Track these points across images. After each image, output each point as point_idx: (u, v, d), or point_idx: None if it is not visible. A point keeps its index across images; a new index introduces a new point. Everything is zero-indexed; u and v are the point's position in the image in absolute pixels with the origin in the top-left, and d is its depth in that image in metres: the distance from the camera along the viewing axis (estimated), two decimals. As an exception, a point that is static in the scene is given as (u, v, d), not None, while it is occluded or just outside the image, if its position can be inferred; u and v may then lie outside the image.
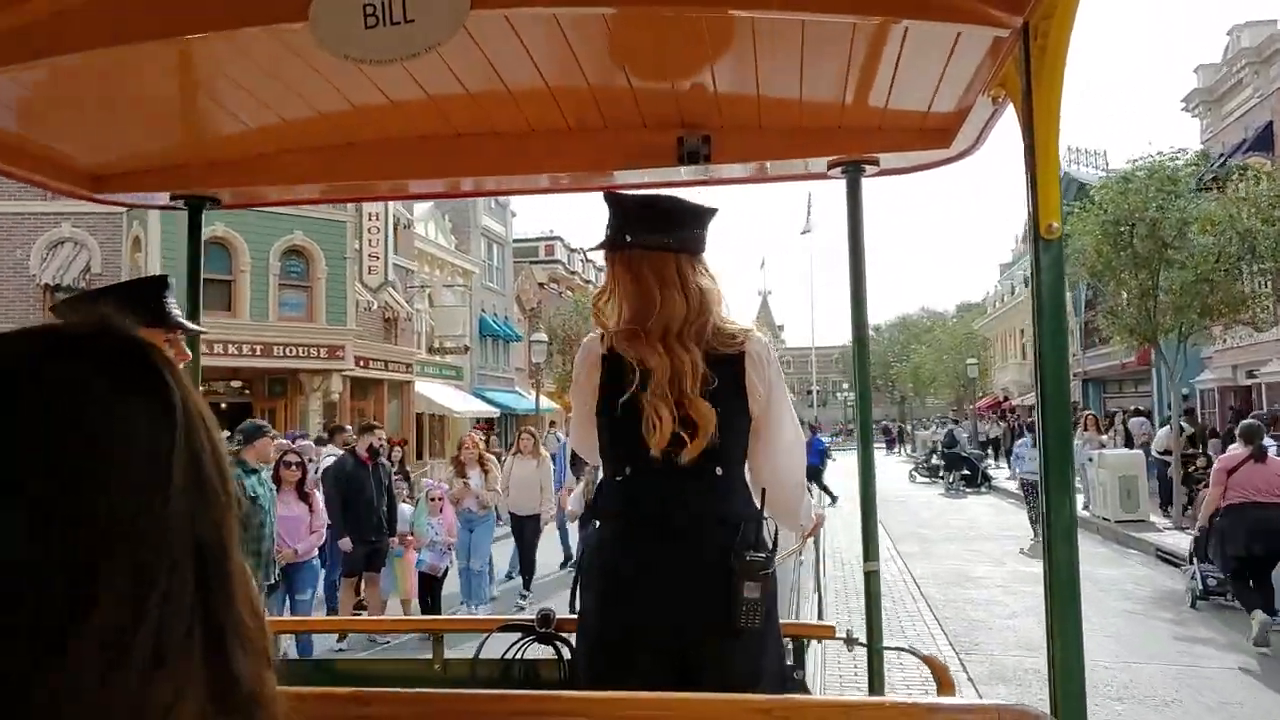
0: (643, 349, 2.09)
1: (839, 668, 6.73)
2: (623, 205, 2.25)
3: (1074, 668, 1.48)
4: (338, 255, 22.29)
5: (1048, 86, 1.50)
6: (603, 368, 2.17)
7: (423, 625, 2.66)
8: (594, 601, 2.14)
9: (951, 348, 48.51)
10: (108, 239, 20.33)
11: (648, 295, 2.14)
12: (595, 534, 2.22)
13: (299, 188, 2.84)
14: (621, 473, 2.13)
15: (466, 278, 33.06)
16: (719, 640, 2.02)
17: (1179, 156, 16.65)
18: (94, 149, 2.48)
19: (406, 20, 1.57)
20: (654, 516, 2.08)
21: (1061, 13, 1.45)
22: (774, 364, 2.19)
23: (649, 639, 2.04)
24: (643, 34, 1.96)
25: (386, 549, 8.97)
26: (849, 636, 2.56)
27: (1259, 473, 8.40)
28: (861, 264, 2.61)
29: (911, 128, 2.41)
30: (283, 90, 2.13)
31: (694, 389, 2.05)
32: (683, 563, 2.03)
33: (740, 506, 2.13)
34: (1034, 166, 1.52)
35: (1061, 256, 1.53)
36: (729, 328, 2.16)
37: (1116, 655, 7.70)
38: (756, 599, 2.01)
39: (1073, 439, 1.69)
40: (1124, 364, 30.30)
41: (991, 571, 12.10)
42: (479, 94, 2.22)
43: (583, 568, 2.23)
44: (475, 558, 9.72)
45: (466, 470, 9.90)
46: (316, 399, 21.70)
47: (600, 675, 2.06)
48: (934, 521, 18.68)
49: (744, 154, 2.49)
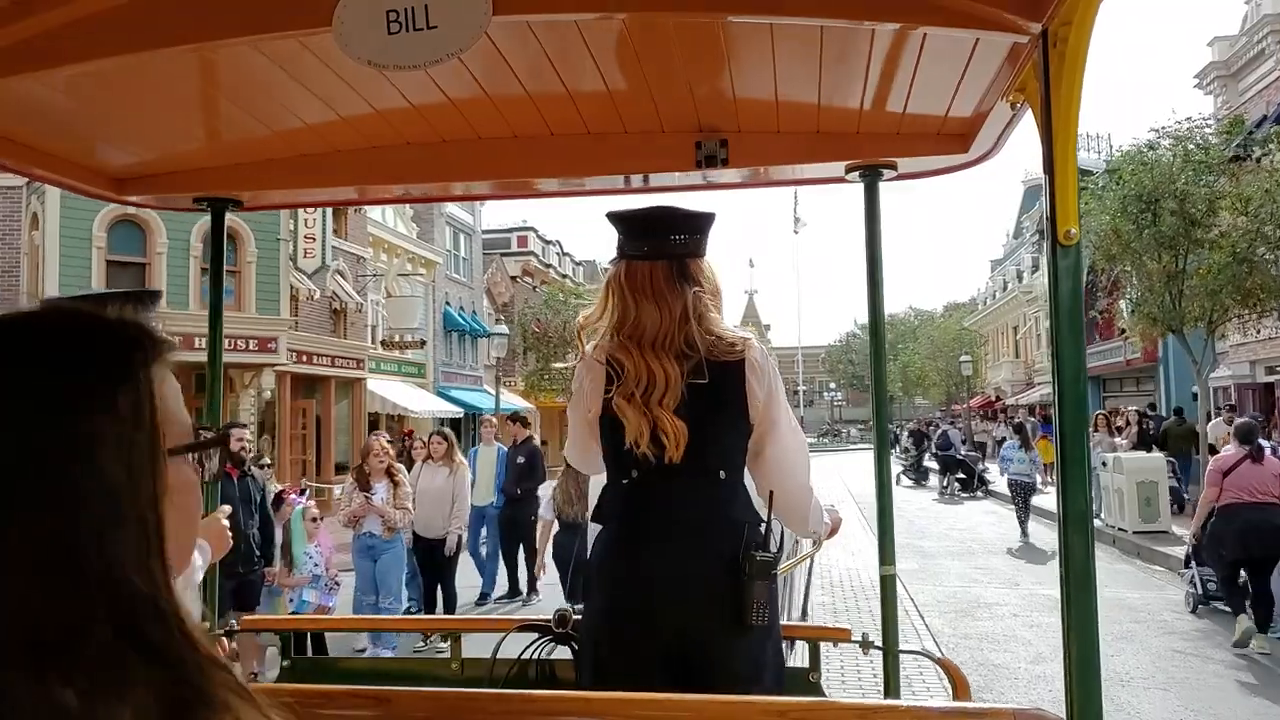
0: (621, 354, 2.17)
1: (856, 672, 6.73)
2: (615, 221, 2.31)
3: (1090, 670, 1.49)
4: (270, 238, 19.73)
5: (1066, 93, 1.50)
6: (602, 375, 2.21)
7: (440, 625, 2.69)
8: (602, 603, 2.18)
9: (944, 345, 47.26)
10: (5, 216, 18.66)
11: (624, 305, 2.22)
12: (601, 537, 2.25)
13: (320, 190, 2.88)
14: (627, 476, 2.17)
15: (429, 268, 30.46)
16: (727, 639, 2.06)
17: (1208, 125, 14.90)
18: (119, 152, 2.52)
19: (429, 26, 1.59)
20: (660, 519, 2.12)
21: (1080, 19, 1.45)
22: (773, 370, 2.23)
23: (656, 639, 2.07)
24: (661, 39, 1.97)
25: (260, 583, 7.04)
26: (865, 640, 2.56)
27: (1256, 473, 8.22)
28: (878, 269, 2.62)
29: (929, 132, 2.41)
30: (305, 94, 2.16)
31: (665, 399, 2.10)
32: (690, 564, 2.07)
33: (744, 509, 2.18)
34: (1052, 173, 1.52)
35: (1080, 262, 1.54)
36: (726, 335, 2.19)
37: (1176, 713, 6.55)
38: (765, 597, 2.07)
39: (1088, 441, 1.71)
40: (1129, 361, 28.92)
41: (1005, 596, 10.84)
42: (499, 98, 2.24)
43: (590, 571, 2.26)
44: (383, 594, 7.77)
45: (372, 483, 7.92)
46: (249, 397, 19.34)
47: (607, 676, 2.09)
48: (932, 531, 17.22)
49: (761, 158, 2.50)
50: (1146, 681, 7.25)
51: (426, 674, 2.66)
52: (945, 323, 53.62)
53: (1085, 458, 1.54)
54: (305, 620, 6.32)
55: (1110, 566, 12.37)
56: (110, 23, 1.73)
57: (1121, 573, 12.18)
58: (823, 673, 2.57)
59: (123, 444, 0.66)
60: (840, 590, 11.12)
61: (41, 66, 1.80)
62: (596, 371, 2.23)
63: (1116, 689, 6.82)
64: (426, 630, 5.51)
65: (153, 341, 0.73)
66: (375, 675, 2.70)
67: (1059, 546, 1.54)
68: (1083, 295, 1.58)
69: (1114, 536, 14.28)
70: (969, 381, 42.05)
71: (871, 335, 2.72)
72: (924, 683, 6.41)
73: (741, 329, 2.28)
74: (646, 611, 2.07)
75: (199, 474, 0.78)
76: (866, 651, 2.55)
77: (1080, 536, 1.51)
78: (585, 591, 2.29)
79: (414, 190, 2.96)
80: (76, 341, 0.70)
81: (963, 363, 41.08)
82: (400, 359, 28.52)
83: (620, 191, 2.68)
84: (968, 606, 10.37)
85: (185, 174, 2.64)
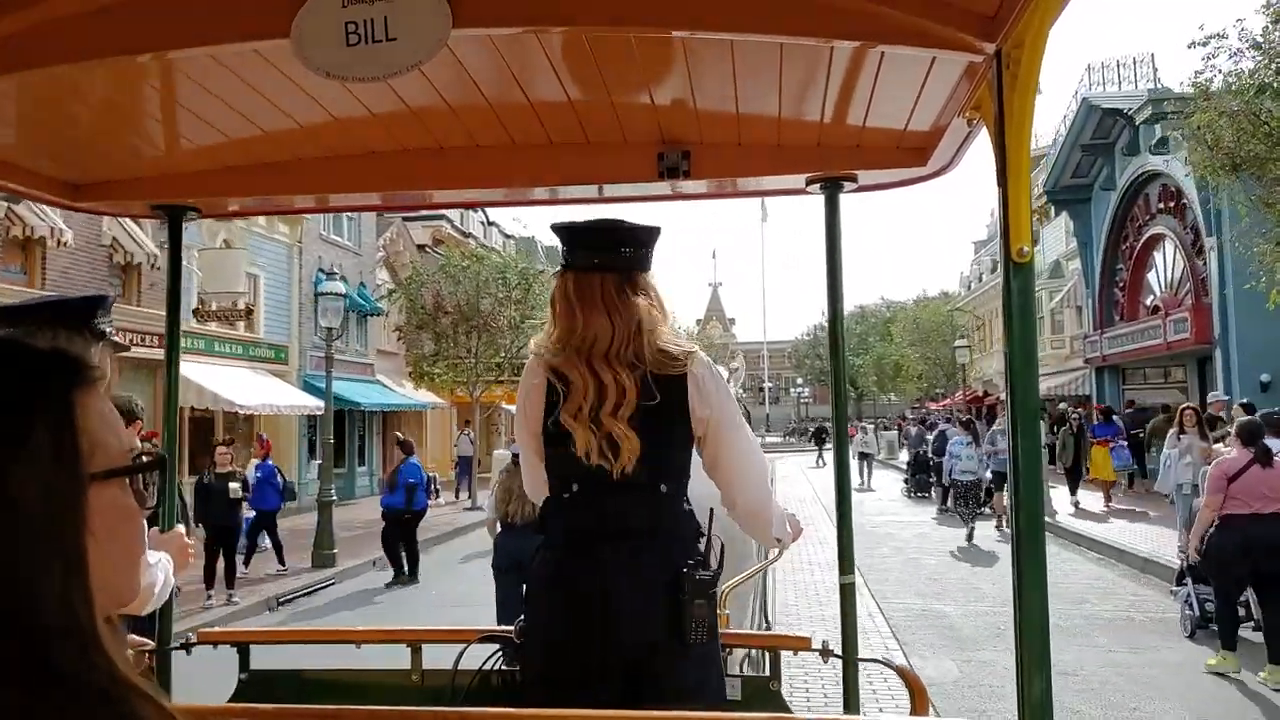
0: (568, 366, 2.15)
1: (820, 679, 6.76)
2: (562, 232, 2.30)
3: (1041, 670, 1.51)
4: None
5: (1019, 112, 1.53)
6: (545, 388, 2.19)
7: (401, 636, 2.67)
8: (543, 616, 2.16)
9: (933, 331, 43.20)
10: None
11: (573, 316, 2.19)
12: (542, 550, 2.23)
13: (280, 199, 2.85)
14: (568, 489, 2.16)
15: (292, 225, 23.83)
16: (668, 658, 2.05)
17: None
18: (75, 159, 2.48)
19: (389, 39, 1.58)
20: (600, 533, 2.10)
21: (1033, 42, 1.48)
22: (718, 382, 2.22)
23: (598, 653, 2.05)
24: (623, 52, 1.98)
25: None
26: (825, 648, 2.58)
27: (1265, 479, 7.17)
28: (839, 278, 2.64)
29: (889, 146, 2.45)
30: (264, 103, 2.14)
31: (617, 411, 2.08)
32: (630, 579, 2.06)
33: (685, 524, 2.16)
34: (1006, 190, 1.56)
35: (1033, 280, 1.57)
36: (672, 349, 2.18)
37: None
38: (705, 615, 2.05)
39: (1041, 454, 1.74)
40: (1169, 344, 22.29)
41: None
42: (461, 108, 2.23)
43: (530, 582, 2.24)
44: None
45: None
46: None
47: (550, 689, 2.08)
48: (957, 589, 11.14)
49: (723, 170, 2.52)
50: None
51: (388, 685, 2.64)
52: (933, 305, 47.24)
53: (1039, 463, 1.59)
54: (261, 633, 6.23)
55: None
56: (66, 30, 1.71)
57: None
58: (783, 680, 2.58)
59: (38, 478, 0.65)
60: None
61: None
62: (538, 390, 2.21)
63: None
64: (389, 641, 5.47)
65: (75, 367, 0.71)
66: (336, 686, 2.67)
67: (1011, 549, 1.57)
68: (1035, 311, 1.61)
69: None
70: (964, 371, 36.62)
71: (831, 344, 2.75)
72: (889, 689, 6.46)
73: (687, 342, 2.27)
74: (586, 627, 2.06)
75: (143, 495, 0.76)
76: (826, 660, 2.57)
77: (1033, 543, 1.54)
78: (525, 602, 2.26)
79: (375, 199, 2.95)
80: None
81: (957, 348, 35.39)
82: (250, 339, 22.18)
83: (584, 201, 2.69)
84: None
85: (142, 181, 2.61)
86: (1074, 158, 27.50)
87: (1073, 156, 27.44)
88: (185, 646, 2.70)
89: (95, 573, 0.67)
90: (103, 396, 0.73)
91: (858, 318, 59.56)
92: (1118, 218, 26.59)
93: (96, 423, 0.71)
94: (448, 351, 24.38)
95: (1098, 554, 13.63)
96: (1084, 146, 26.72)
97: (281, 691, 2.65)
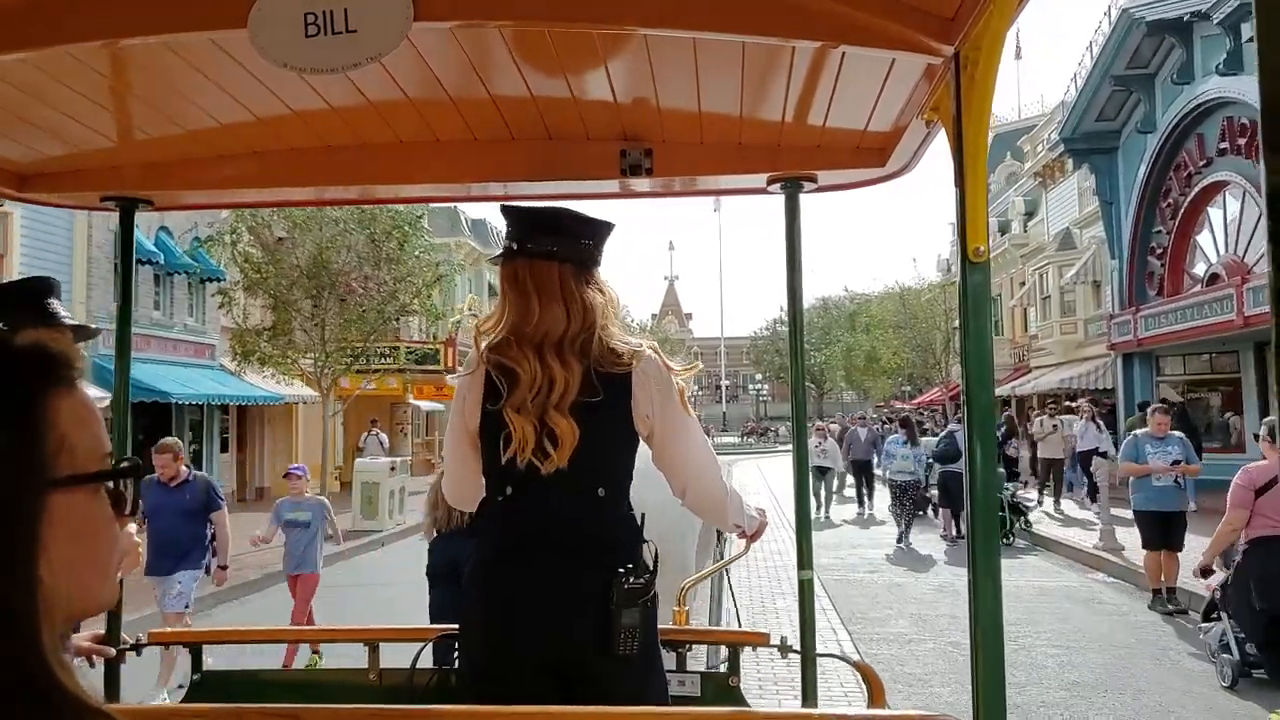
0: (515, 357, 2.06)
1: (773, 673, 6.81)
2: (513, 215, 2.22)
3: (995, 671, 1.54)
4: None
5: (976, 113, 1.56)
6: (484, 385, 2.12)
7: (359, 635, 2.64)
8: (477, 617, 2.10)
9: (920, 311, 37.76)
10: None
11: (527, 304, 2.10)
12: (475, 552, 2.17)
13: (235, 191, 2.80)
14: (503, 492, 2.09)
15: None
16: (600, 667, 2.01)
17: None
18: (21, 147, 2.42)
19: (349, 30, 1.56)
20: (535, 536, 2.04)
21: (990, 45, 1.51)
22: (664, 381, 2.13)
23: (530, 656, 2.01)
24: (585, 48, 1.98)
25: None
26: (783, 644, 2.60)
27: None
28: (798, 278, 2.66)
29: (849, 146, 2.47)
30: (219, 94, 2.10)
31: (561, 402, 2.02)
32: (562, 583, 2.01)
33: (622, 529, 2.10)
34: (964, 190, 1.58)
35: (988, 278, 1.60)
36: (618, 347, 2.11)
37: None
38: (635, 625, 1.98)
39: (995, 449, 1.79)
40: (1246, 319, 16.38)
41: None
42: (421, 102, 2.21)
43: (464, 587, 2.18)
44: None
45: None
46: None
47: (482, 690, 2.03)
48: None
49: (685, 168, 2.53)
50: None
51: (345, 684, 2.62)
52: (921, 290, 41.57)
53: (993, 457, 1.63)
54: (212, 633, 6.15)
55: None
56: (16, 15, 1.67)
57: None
58: (741, 676, 2.60)
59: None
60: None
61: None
62: (478, 384, 2.13)
63: None
64: (347, 640, 5.42)
65: (49, 368, 0.68)
66: (292, 686, 2.64)
67: (968, 548, 1.60)
68: (989, 309, 1.64)
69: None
70: (946, 359, 33.08)
71: (791, 344, 2.77)
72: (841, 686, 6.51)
73: (636, 340, 2.18)
74: (517, 628, 2.01)
75: (118, 500, 0.73)
76: (785, 655, 2.59)
77: (987, 542, 1.57)
78: (459, 606, 2.21)
79: (332, 193, 2.91)
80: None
81: (954, 330, 28.39)
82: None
83: (544, 198, 2.68)
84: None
85: (93, 172, 2.55)
86: (1102, 94, 21.46)
87: (1100, 93, 21.42)
88: (136, 647, 2.65)
89: (68, 578, 0.65)
90: (79, 394, 0.69)
91: (820, 310, 56.51)
92: (1157, 167, 20.39)
93: (74, 424, 0.67)
94: (286, 325, 18.24)
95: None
96: (1116, 78, 20.66)
97: (237, 691, 2.61)
